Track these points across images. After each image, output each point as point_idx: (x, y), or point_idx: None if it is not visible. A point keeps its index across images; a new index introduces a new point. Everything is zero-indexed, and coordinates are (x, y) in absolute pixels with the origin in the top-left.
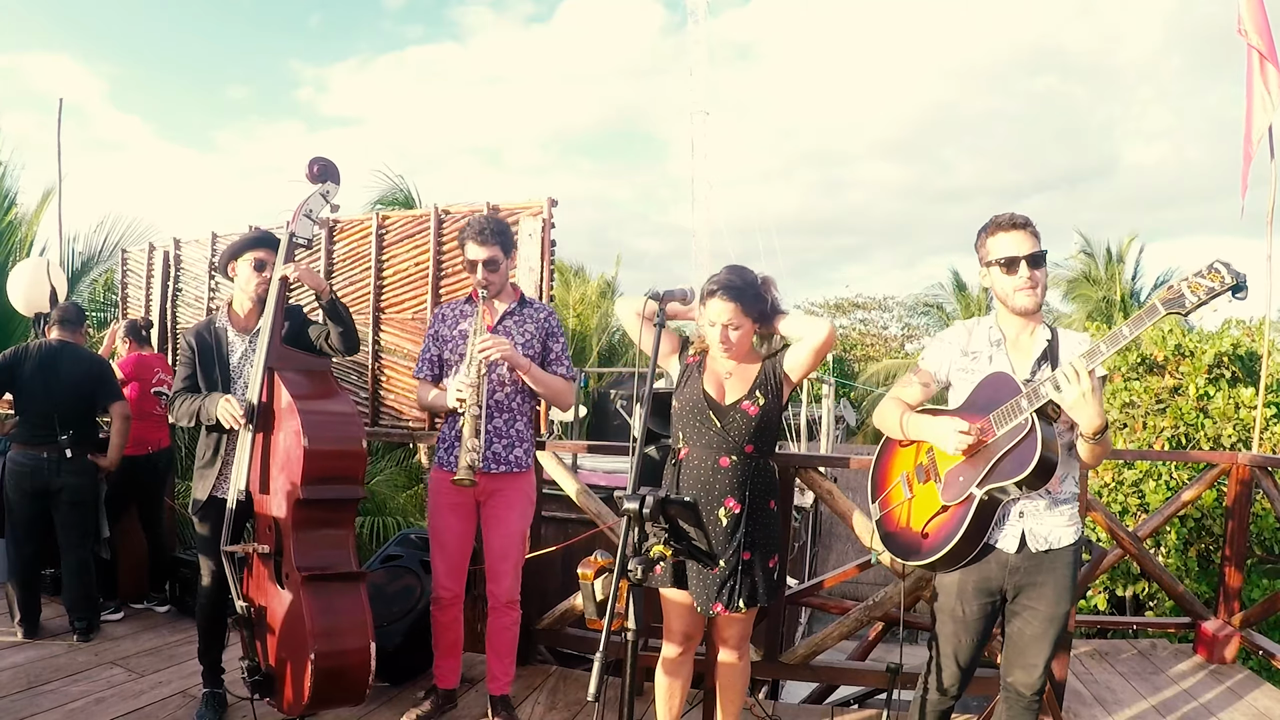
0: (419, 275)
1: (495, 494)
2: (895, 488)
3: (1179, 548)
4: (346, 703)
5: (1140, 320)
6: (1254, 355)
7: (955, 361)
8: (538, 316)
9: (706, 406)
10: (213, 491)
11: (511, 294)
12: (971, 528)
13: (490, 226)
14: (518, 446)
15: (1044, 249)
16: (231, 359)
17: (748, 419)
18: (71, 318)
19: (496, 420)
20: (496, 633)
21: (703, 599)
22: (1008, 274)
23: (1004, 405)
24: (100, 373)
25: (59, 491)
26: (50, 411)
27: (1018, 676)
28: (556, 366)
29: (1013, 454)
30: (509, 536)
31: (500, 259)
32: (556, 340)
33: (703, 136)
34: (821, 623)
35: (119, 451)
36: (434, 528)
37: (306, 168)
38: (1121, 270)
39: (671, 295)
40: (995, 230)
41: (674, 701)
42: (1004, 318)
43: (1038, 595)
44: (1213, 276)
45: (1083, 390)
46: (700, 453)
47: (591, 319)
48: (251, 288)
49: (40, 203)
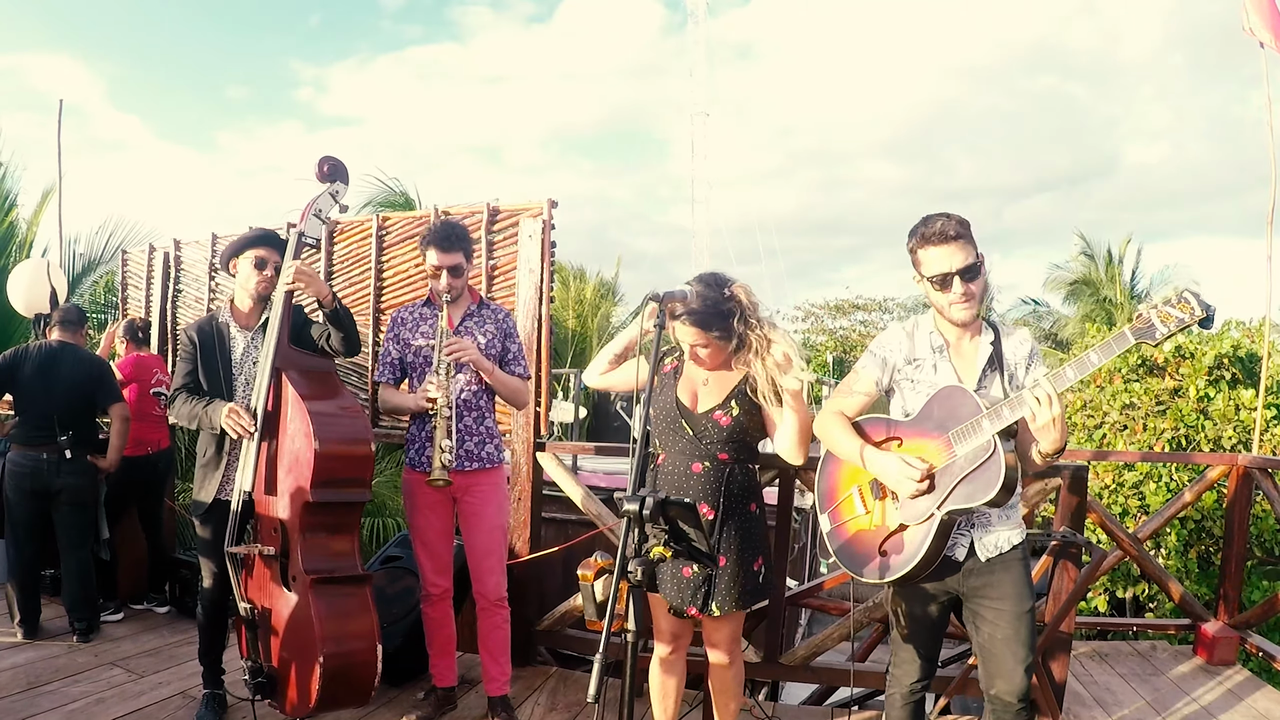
0: (419, 276)
1: (470, 490)
2: (847, 500)
3: (1179, 549)
4: (351, 704)
5: (1109, 348)
6: (1254, 357)
7: (899, 370)
8: (496, 317)
9: (678, 414)
10: (217, 494)
11: (469, 296)
12: (933, 547)
13: (453, 233)
14: (489, 442)
15: (977, 258)
16: (234, 355)
17: (719, 428)
18: (72, 319)
19: (466, 418)
20: (488, 633)
21: (676, 602)
22: (942, 291)
23: (963, 424)
24: (100, 374)
25: (59, 492)
26: (50, 412)
27: (1000, 687)
28: (514, 366)
29: (975, 475)
30: (490, 533)
31: (463, 265)
32: (513, 340)
33: (702, 137)
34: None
35: (118, 453)
36: (415, 526)
37: (316, 167)
38: (1121, 271)
39: (671, 296)
40: (925, 244)
41: (669, 701)
42: (943, 322)
43: (999, 594)
44: (1182, 307)
45: (1054, 415)
46: (674, 458)
47: (591, 320)
48: (252, 285)
49: (40, 204)
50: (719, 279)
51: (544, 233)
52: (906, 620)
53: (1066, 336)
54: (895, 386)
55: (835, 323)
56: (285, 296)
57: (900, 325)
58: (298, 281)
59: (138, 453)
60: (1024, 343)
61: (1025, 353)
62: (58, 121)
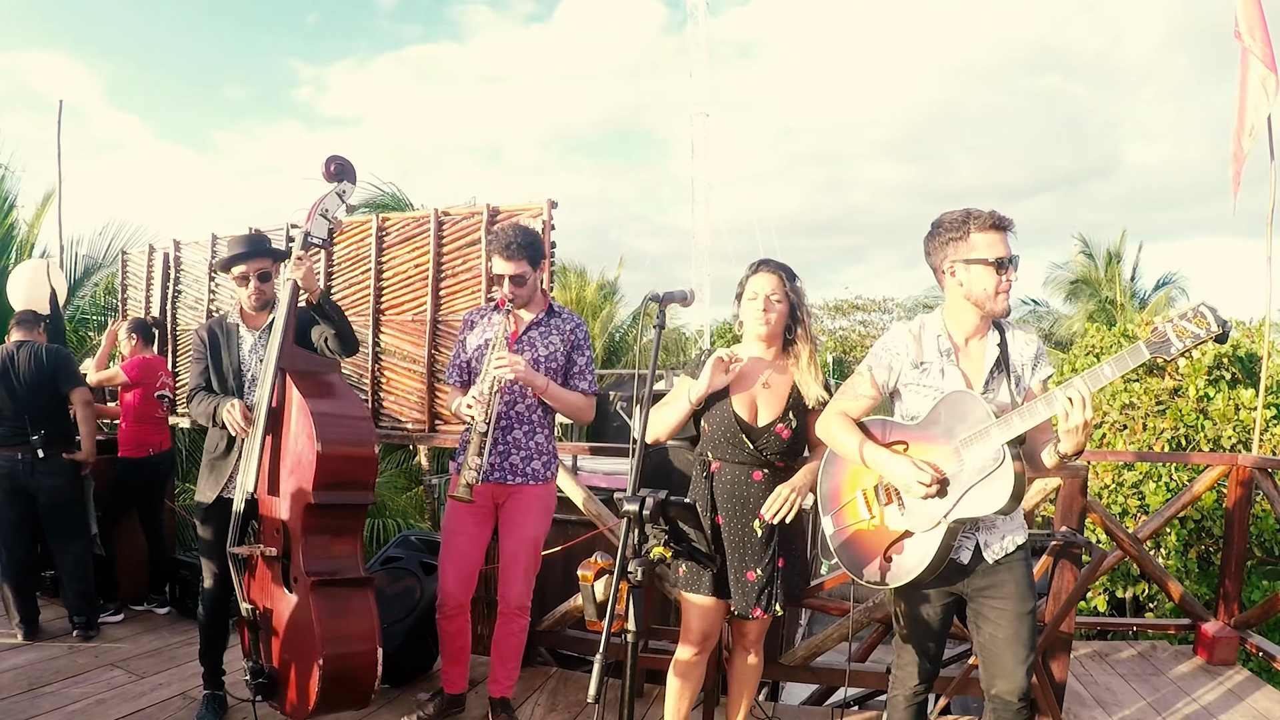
0: (419, 277)
1: (510, 500)
2: (851, 504)
3: (1179, 549)
4: (351, 706)
5: (1123, 361)
6: (1254, 357)
7: (905, 374)
8: (564, 328)
9: (739, 429)
10: (220, 493)
11: (541, 302)
12: (939, 553)
13: (518, 240)
14: (536, 459)
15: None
16: (242, 350)
17: (780, 441)
18: (28, 319)
19: (515, 432)
20: (504, 638)
21: (742, 605)
22: (997, 275)
23: (972, 431)
24: (58, 362)
25: (37, 493)
26: (19, 412)
27: (1001, 686)
28: (579, 381)
29: (985, 485)
30: (520, 541)
31: (528, 273)
32: (582, 353)
33: (703, 138)
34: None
35: (91, 440)
36: (447, 530)
37: (323, 166)
38: (1120, 271)
39: (671, 297)
40: (982, 228)
41: (683, 704)
42: (955, 321)
43: (1002, 594)
44: (1199, 322)
45: (1086, 418)
46: (732, 469)
47: (592, 321)
48: (245, 299)
49: (40, 205)
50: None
51: (544, 233)
52: (909, 622)
53: (1065, 336)
54: (900, 390)
55: (835, 323)
56: (291, 290)
57: (905, 326)
58: (299, 267)
59: (139, 454)
60: (1030, 343)
61: (1031, 354)
62: (58, 123)
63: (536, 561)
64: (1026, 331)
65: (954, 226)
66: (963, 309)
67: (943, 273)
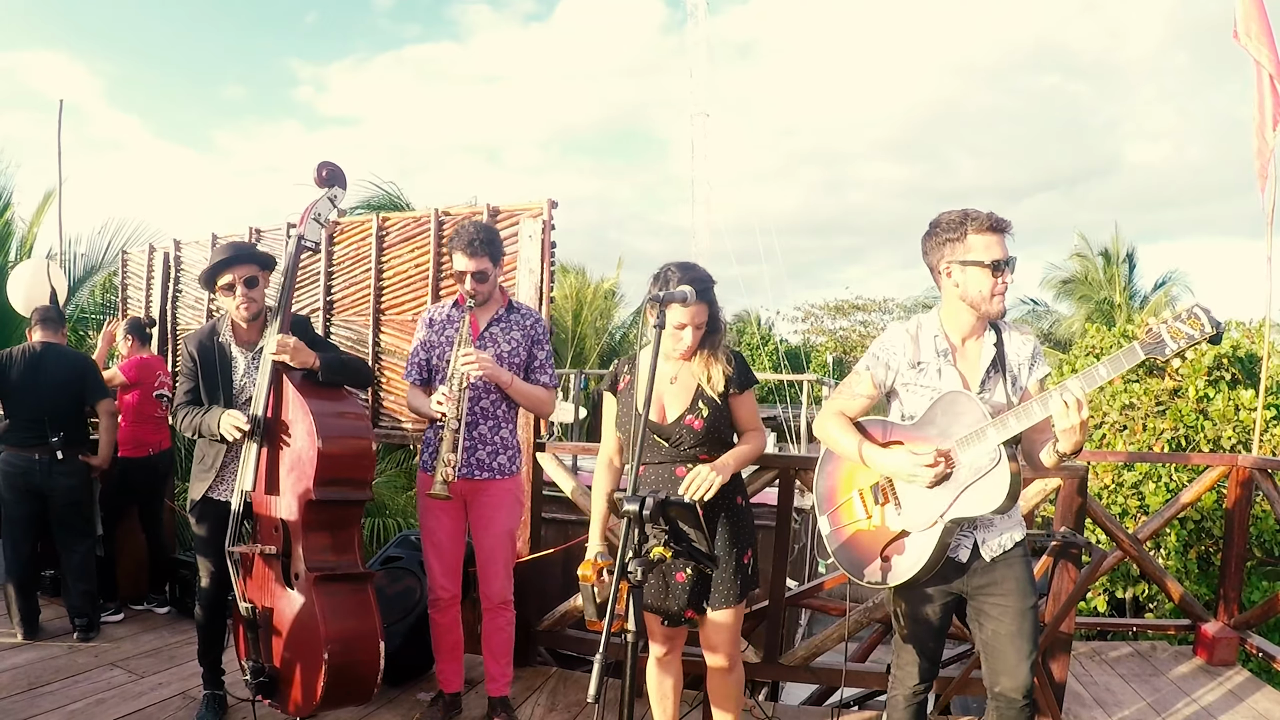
0: (419, 276)
1: (480, 496)
2: (848, 504)
3: (1179, 550)
4: (355, 702)
5: (1118, 362)
6: (1254, 357)
7: (902, 374)
8: (524, 324)
9: (650, 431)
10: (208, 493)
11: (500, 299)
12: (936, 553)
13: (480, 237)
14: (502, 453)
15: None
16: (235, 375)
17: (694, 433)
18: (52, 317)
19: (481, 427)
20: (492, 634)
21: (674, 608)
22: (993, 277)
23: (968, 432)
24: (85, 371)
25: (52, 493)
26: (39, 414)
27: (1004, 684)
28: (540, 375)
29: (981, 485)
30: (497, 537)
31: (489, 270)
32: (541, 348)
33: (703, 138)
34: (821, 624)
35: (109, 449)
36: (426, 528)
37: (314, 172)
38: (1120, 271)
39: (672, 297)
40: (979, 230)
41: (667, 701)
42: (952, 321)
43: (1003, 591)
44: (1193, 323)
45: (1081, 419)
46: (655, 469)
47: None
48: (233, 309)
49: (40, 205)
50: (693, 264)
51: (544, 233)
52: (908, 622)
53: (1065, 336)
54: (896, 390)
55: (835, 323)
56: (287, 286)
57: (902, 326)
58: (281, 354)
59: (138, 454)
60: (1026, 343)
61: (1028, 353)
62: (58, 123)
63: (513, 554)
64: (1023, 331)
65: (951, 227)
66: (959, 309)
67: (939, 273)
